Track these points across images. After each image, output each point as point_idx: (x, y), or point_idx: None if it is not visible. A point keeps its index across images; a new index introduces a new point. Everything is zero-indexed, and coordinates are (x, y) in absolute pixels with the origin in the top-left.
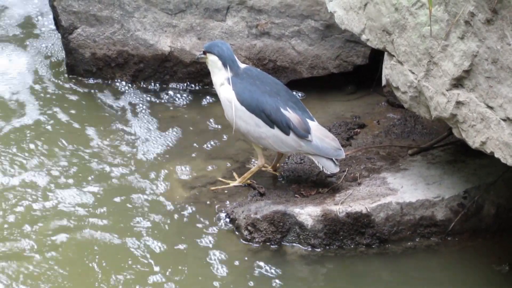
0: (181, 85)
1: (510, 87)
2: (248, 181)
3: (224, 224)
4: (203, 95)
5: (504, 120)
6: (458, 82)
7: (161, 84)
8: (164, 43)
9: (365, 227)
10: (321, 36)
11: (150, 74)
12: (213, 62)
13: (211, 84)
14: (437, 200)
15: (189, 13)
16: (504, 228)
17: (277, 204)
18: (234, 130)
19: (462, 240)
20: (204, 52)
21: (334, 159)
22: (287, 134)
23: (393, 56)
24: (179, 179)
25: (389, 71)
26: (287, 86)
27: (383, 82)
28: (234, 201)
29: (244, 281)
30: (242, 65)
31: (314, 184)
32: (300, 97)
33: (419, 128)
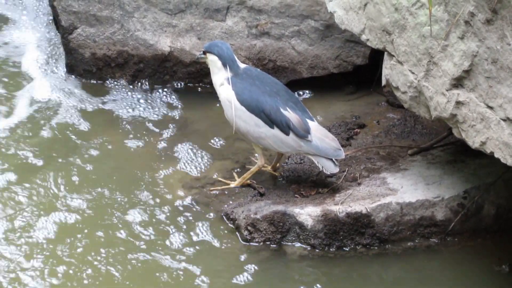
0: (181, 85)
1: (510, 87)
2: (248, 181)
3: (223, 224)
4: (203, 95)
5: (504, 120)
6: (458, 82)
7: (161, 84)
8: (164, 43)
9: (365, 227)
10: (321, 36)
11: (150, 74)
12: (213, 62)
13: (211, 84)
14: (437, 200)
15: (189, 13)
16: (504, 228)
17: (277, 204)
18: (234, 130)
19: (462, 240)
20: (204, 52)
21: (334, 159)
22: (287, 134)
23: (393, 56)
24: (178, 179)
25: (389, 71)
26: (287, 86)
27: (383, 82)
28: (234, 201)
29: (244, 281)
30: (242, 65)
31: (314, 184)
32: (300, 96)
33: (419, 128)
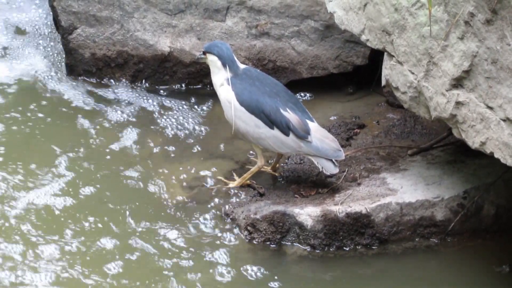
0: (181, 85)
1: (510, 88)
2: (248, 181)
3: (223, 224)
4: (202, 96)
5: (504, 120)
6: (457, 83)
7: (161, 84)
8: (164, 44)
9: (365, 228)
10: (320, 37)
11: (150, 74)
12: (213, 62)
13: (211, 84)
14: (436, 201)
15: (188, 14)
16: (504, 229)
17: (277, 205)
18: (234, 131)
19: (461, 241)
20: (204, 53)
21: (333, 160)
22: (287, 135)
23: (393, 56)
24: (178, 179)
25: (389, 72)
26: (286, 87)
27: (383, 83)
28: (233, 201)
29: (243, 281)
30: (242, 66)
31: (314, 184)
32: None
33: (418, 128)
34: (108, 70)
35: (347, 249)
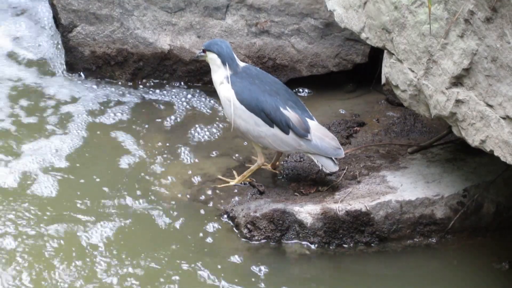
0: (181, 83)
1: (510, 86)
2: (248, 179)
3: (223, 222)
4: (202, 94)
5: (504, 118)
6: (457, 81)
7: (161, 82)
8: (164, 42)
9: (365, 225)
10: (320, 35)
11: (150, 72)
12: (213, 60)
13: (210, 82)
14: (436, 198)
15: (188, 12)
16: (504, 227)
17: (277, 202)
18: (233, 129)
19: (461, 239)
20: (204, 51)
21: (333, 158)
22: (287, 133)
23: (393, 54)
24: (178, 177)
25: (389, 70)
26: (286, 85)
27: (383, 81)
28: (233, 199)
29: (243, 279)
30: (242, 64)
31: (314, 182)
32: (300, 95)
33: (418, 126)
34: (108, 68)
35: (346, 247)
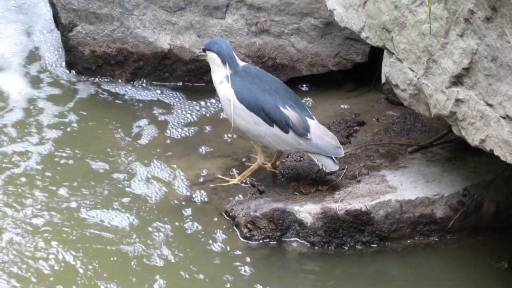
0: (181, 83)
1: (510, 85)
2: (248, 178)
3: (223, 221)
4: (202, 93)
5: (504, 117)
6: (457, 80)
7: (161, 81)
8: (164, 41)
9: (365, 225)
10: (320, 34)
11: (150, 71)
12: (212, 59)
13: (210, 81)
14: (436, 198)
15: (188, 11)
16: (504, 226)
17: (277, 202)
18: (233, 128)
19: (461, 238)
20: (204, 50)
21: (333, 157)
22: (286, 132)
23: (393, 53)
24: (178, 176)
25: (389, 69)
26: (286, 84)
27: (383, 80)
28: (233, 198)
29: (243, 279)
30: (241, 63)
31: (314, 181)
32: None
33: (418, 125)
34: (108, 67)
35: (346, 247)
